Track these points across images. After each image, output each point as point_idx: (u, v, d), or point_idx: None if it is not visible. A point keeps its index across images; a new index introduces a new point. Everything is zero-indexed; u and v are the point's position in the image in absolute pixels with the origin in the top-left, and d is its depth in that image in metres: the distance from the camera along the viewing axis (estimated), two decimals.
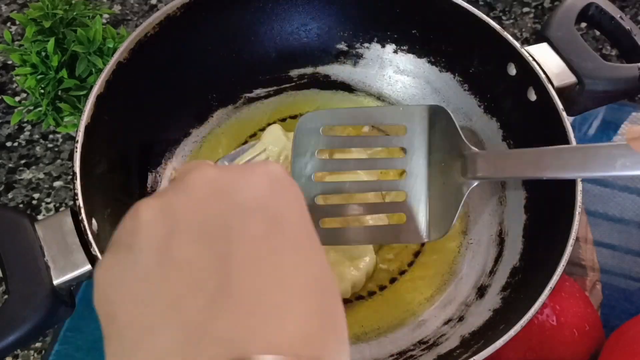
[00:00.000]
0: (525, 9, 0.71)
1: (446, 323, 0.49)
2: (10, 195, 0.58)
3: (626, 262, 0.57)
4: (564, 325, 0.49)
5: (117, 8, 0.69)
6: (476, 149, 0.46)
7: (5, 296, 0.39)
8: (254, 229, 0.23)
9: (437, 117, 0.48)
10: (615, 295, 0.55)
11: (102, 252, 0.41)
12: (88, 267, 0.41)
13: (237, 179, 0.25)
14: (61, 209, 0.57)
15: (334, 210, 0.48)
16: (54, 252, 0.41)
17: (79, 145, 0.44)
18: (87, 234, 0.41)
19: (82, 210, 0.41)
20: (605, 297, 0.54)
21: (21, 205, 0.58)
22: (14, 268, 0.40)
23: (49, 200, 0.58)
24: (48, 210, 0.58)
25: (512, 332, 0.40)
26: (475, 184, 0.45)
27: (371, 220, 0.49)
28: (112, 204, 0.47)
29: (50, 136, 0.61)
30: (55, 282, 0.40)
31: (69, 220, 0.42)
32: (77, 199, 0.42)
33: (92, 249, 0.41)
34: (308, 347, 0.22)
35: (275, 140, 0.53)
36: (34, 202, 0.58)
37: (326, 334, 0.23)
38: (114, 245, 0.25)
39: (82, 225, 0.41)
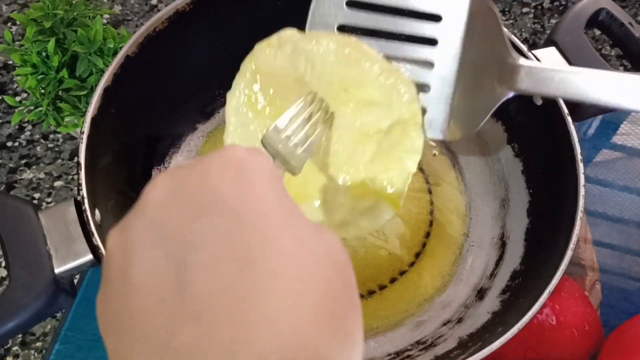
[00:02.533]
0: (525, 9, 0.71)
1: (445, 324, 0.49)
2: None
3: (625, 261, 0.57)
4: (564, 325, 0.49)
5: (117, 8, 0.69)
6: (519, 57, 0.40)
7: (7, 282, 0.40)
8: (212, 232, 0.22)
9: (479, 14, 0.43)
10: (614, 294, 0.55)
11: (103, 242, 0.41)
12: (89, 257, 0.41)
13: (191, 177, 0.24)
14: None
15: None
16: (56, 241, 0.41)
17: (84, 136, 0.44)
18: (89, 225, 0.41)
19: (86, 201, 0.42)
20: (604, 297, 0.54)
21: None
22: (16, 255, 0.40)
23: (49, 200, 0.58)
24: None
25: (509, 335, 0.40)
26: (511, 95, 0.41)
27: None
28: (116, 196, 0.48)
29: (51, 136, 0.61)
30: (57, 270, 0.40)
31: (72, 210, 0.42)
32: (81, 189, 0.42)
33: (94, 239, 0.41)
34: (295, 351, 0.20)
35: None
36: (35, 201, 0.58)
37: (324, 333, 0.21)
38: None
39: (85, 215, 0.41)
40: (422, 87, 0.44)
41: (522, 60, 0.40)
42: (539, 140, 0.51)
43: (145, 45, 0.49)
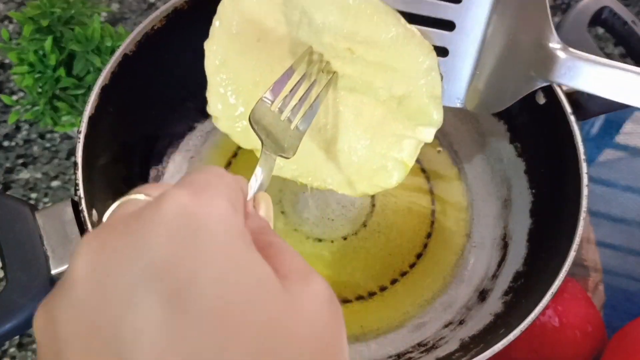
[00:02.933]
0: None
1: (446, 326, 0.49)
2: None
3: (629, 262, 0.56)
4: (566, 327, 0.49)
5: (115, 6, 0.68)
6: (561, 45, 0.36)
7: (3, 283, 0.39)
8: (150, 330, 0.17)
9: None
10: (617, 296, 0.54)
11: None
12: None
13: (123, 248, 0.19)
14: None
15: None
16: (53, 241, 0.40)
17: (81, 136, 0.44)
18: (86, 225, 0.41)
19: (83, 201, 0.41)
20: (607, 298, 0.54)
21: None
22: (12, 256, 0.40)
23: (46, 200, 0.58)
24: None
25: (511, 337, 0.40)
26: (546, 84, 0.37)
27: None
28: (114, 196, 0.47)
29: (48, 135, 0.61)
30: (54, 271, 0.40)
31: (69, 210, 0.42)
32: (78, 189, 0.42)
33: None
34: None
35: None
36: (32, 202, 0.58)
37: None
38: None
39: (82, 215, 0.41)
40: (438, 50, 0.39)
41: (565, 50, 0.35)
42: (541, 140, 0.51)
43: (143, 44, 0.48)
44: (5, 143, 0.61)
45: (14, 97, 0.62)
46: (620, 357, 0.48)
